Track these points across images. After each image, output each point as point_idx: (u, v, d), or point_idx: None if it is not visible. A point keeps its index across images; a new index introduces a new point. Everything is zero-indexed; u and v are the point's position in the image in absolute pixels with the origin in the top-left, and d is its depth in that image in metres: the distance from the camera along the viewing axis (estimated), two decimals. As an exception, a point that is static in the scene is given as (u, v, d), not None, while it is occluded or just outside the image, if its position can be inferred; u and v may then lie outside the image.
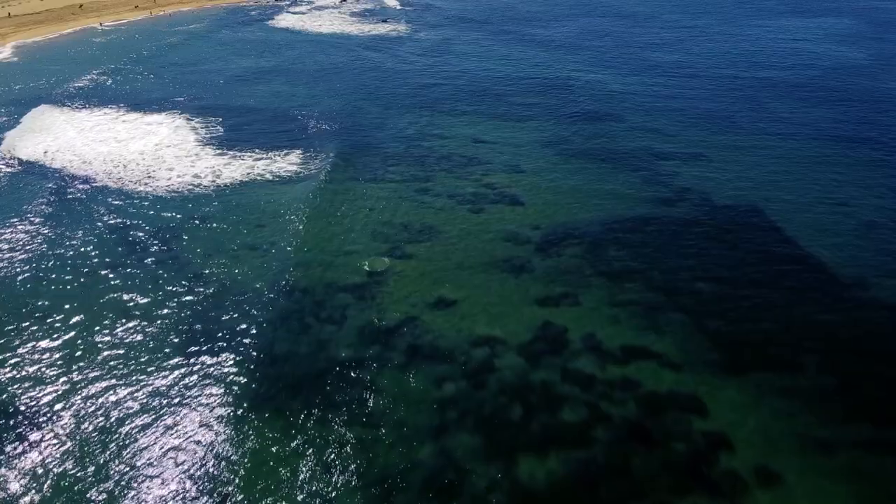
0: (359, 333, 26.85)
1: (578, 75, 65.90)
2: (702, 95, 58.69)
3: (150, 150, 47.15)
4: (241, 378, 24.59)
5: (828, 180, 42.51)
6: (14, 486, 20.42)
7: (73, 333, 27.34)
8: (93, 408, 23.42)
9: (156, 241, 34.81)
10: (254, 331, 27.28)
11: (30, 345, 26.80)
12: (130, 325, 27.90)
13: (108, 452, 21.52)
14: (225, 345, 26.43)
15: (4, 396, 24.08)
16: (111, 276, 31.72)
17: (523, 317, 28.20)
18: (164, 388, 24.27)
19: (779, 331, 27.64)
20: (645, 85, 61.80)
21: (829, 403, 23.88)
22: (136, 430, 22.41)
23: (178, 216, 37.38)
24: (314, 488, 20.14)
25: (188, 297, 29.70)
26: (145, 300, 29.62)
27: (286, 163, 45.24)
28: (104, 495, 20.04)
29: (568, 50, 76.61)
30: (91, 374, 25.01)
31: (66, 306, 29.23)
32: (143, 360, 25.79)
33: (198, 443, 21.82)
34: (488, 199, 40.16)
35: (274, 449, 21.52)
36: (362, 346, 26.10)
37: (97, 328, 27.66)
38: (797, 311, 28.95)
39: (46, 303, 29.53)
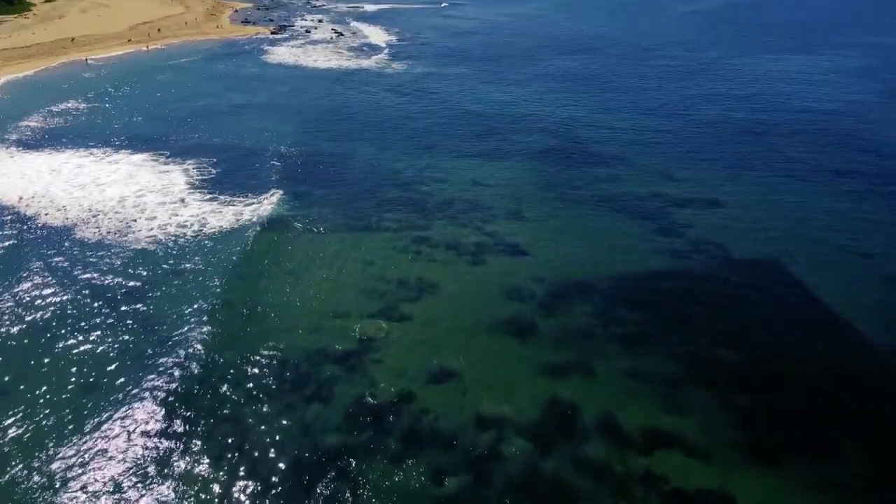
0: (347, 415, 24.06)
1: (581, 113, 64.02)
2: (710, 135, 56.71)
3: (131, 195, 44.64)
4: (210, 470, 21.75)
5: (848, 228, 40.32)
6: None
7: (31, 404, 24.49)
8: (44, 485, 20.56)
9: (129, 301, 32.02)
10: (227, 411, 24.47)
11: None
12: (93, 397, 25.10)
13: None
14: (195, 427, 23.60)
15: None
16: (78, 339, 28.94)
17: (531, 391, 25.51)
18: (121, 473, 21.41)
19: (811, 408, 25.03)
20: (651, 124, 59.86)
21: (872, 497, 21.24)
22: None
23: (156, 272, 34.68)
24: None
25: (158, 368, 26.88)
26: (112, 369, 26.81)
27: (276, 208, 42.71)
28: None
29: (569, 86, 74.90)
30: (45, 450, 22.16)
31: (27, 370, 26.43)
32: (100, 439, 22.93)
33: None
34: (489, 249, 37.74)
35: (248, 563, 18.68)
36: (351, 431, 23.31)
37: (57, 400, 24.84)
38: (829, 383, 26.38)
39: (2, 363, 26.69)
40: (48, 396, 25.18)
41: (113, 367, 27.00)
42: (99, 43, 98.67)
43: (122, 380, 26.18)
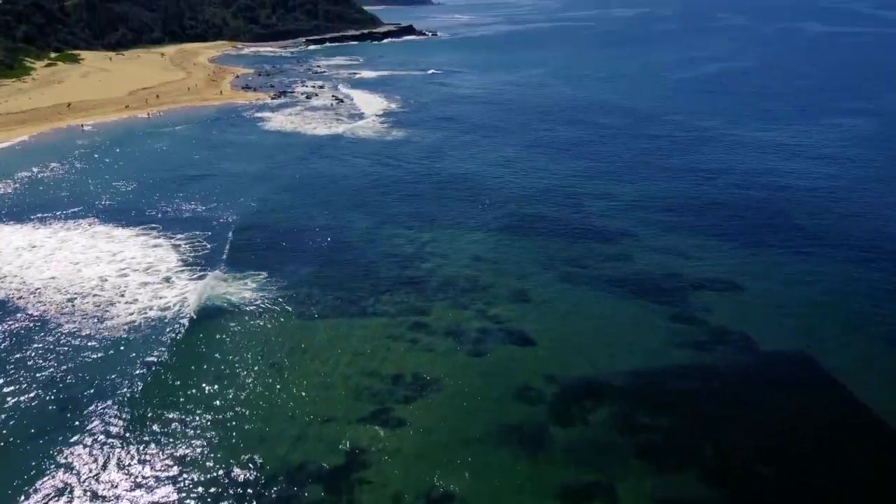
0: (332, 554, 20.70)
1: (584, 184, 61.90)
2: (718, 209, 54.29)
3: (113, 275, 41.95)
4: None
5: (879, 312, 37.42)
6: None
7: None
8: None
9: (97, 401, 28.98)
10: (197, 546, 21.13)
11: None
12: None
13: None
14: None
15: None
16: (36, 444, 25.80)
17: (544, 520, 22.18)
18: None
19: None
20: (657, 196, 57.60)
21: None
22: None
23: (129, 365, 31.70)
24: None
25: (123, 478, 23.67)
26: (71, 477, 23.62)
27: (264, 290, 39.87)
28: None
29: (571, 155, 73.18)
30: None
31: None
32: None
33: None
34: (493, 336, 34.82)
35: None
36: (336, 577, 19.91)
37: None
38: (888, 507, 23.05)
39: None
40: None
41: (73, 475, 23.82)
42: (96, 108, 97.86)
43: (81, 491, 22.89)
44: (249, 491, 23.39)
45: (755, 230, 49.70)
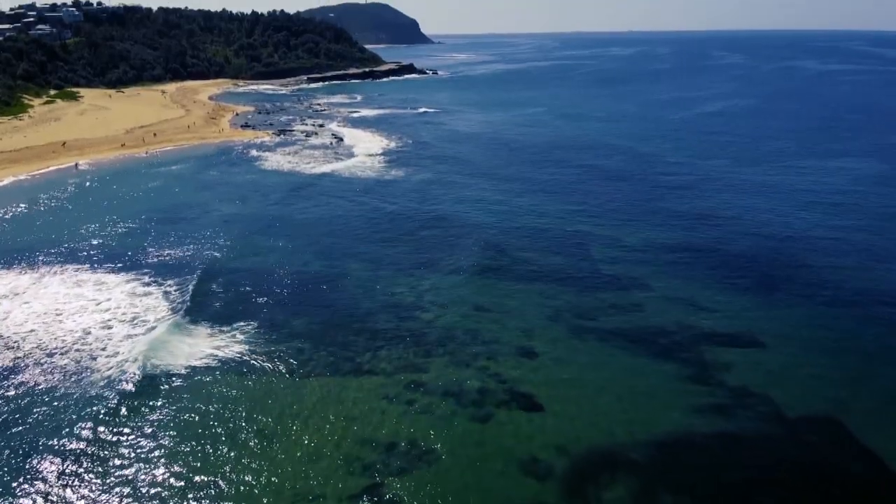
0: None
1: (589, 227, 60.02)
2: (727, 255, 52.22)
3: (96, 326, 39.67)
4: None
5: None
6: None
7: None
8: None
9: (65, 464, 26.64)
10: None
11: None
12: None
13: None
14: None
15: None
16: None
17: None
18: None
19: None
20: (664, 241, 55.62)
21: None
22: None
23: (102, 425, 29.34)
24: None
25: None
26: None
27: (252, 344, 37.57)
28: None
29: (574, 198, 71.45)
30: None
31: None
32: None
33: None
34: (496, 398, 32.44)
35: None
36: None
37: None
38: None
39: None
40: None
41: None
42: (91, 147, 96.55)
43: None
44: (225, 587, 20.85)
45: (766, 278, 47.62)
